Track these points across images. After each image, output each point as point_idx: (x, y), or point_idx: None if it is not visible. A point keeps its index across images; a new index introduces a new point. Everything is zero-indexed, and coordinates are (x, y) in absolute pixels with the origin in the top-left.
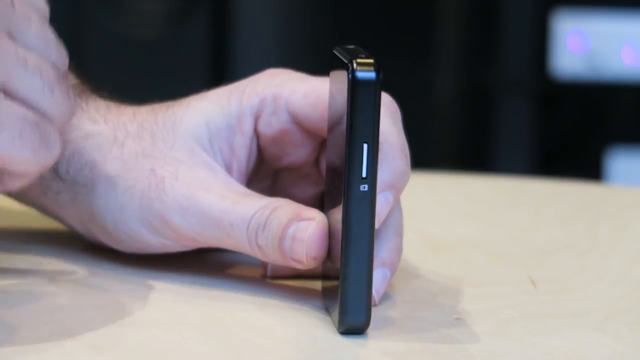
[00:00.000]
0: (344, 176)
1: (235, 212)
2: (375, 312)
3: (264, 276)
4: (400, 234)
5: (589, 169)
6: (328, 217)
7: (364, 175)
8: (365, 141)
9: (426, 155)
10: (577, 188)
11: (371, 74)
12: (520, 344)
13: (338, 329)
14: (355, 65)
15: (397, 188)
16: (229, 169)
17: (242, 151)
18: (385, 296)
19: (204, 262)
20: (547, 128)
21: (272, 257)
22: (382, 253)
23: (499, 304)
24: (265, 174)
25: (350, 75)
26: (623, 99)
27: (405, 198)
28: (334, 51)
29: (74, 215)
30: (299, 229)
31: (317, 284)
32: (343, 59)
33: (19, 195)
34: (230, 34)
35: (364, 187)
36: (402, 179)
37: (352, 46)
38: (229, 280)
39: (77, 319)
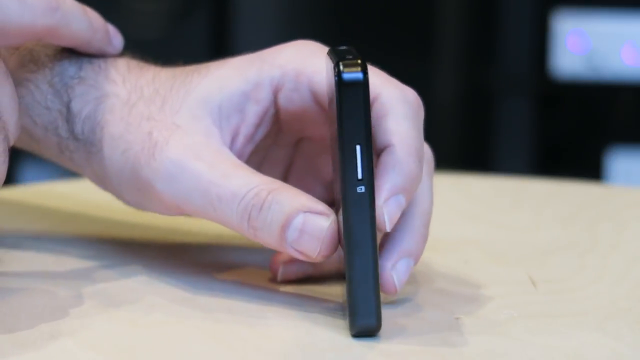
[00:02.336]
0: (340, 179)
1: (224, 186)
2: None
3: (271, 280)
4: (426, 224)
5: (589, 169)
6: (337, 216)
7: (359, 177)
8: (358, 143)
9: None
10: (577, 188)
11: (358, 75)
12: (520, 344)
13: (350, 333)
14: (341, 67)
15: (409, 191)
16: (235, 133)
17: (253, 118)
18: (385, 296)
19: (204, 262)
20: (547, 128)
21: (266, 240)
22: (406, 244)
23: (499, 304)
24: (285, 141)
25: (336, 77)
26: (623, 99)
27: None
28: (327, 53)
29: (89, 173)
30: (310, 223)
31: (318, 285)
32: (332, 61)
33: (38, 153)
34: (230, 34)
35: (361, 189)
36: (414, 183)
37: (344, 47)
38: (230, 280)
39: (77, 319)
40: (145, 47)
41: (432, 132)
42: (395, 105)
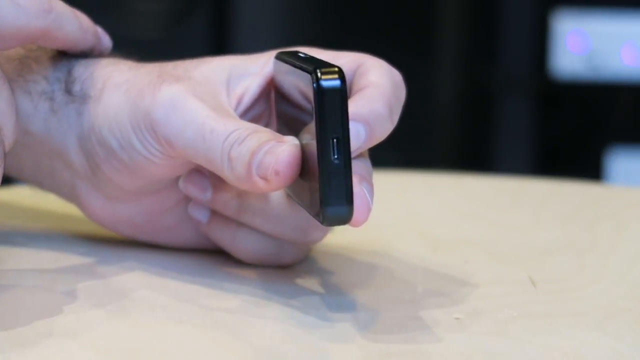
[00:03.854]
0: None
1: (219, 121)
2: (374, 312)
3: (261, 270)
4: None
5: (589, 169)
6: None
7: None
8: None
9: (426, 155)
10: (577, 188)
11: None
12: (520, 343)
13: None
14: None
15: (371, 127)
16: (238, 102)
17: (256, 88)
18: (385, 296)
19: (203, 262)
20: (547, 128)
21: (238, 171)
22: (359, 169)
23: (499, 304)
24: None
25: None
26: (623, 99)
27: (405, 198)
28: (282, 57)
29: (75, 132)
30: (274, 146)
31: (318, 284)
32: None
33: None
34: (230, 34)
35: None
36: (378, 122)
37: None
38: (229, 280)
39: (76, 318)
40: (145, 47)
41: (432, 132)
42: (378, 68)
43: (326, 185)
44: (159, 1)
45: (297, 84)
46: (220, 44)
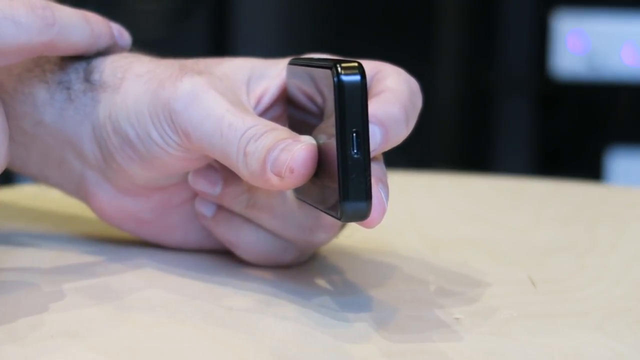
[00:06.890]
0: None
1: (238, 116)
2: (375, 312)
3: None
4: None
5: (589, 169)
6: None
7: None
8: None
9: (426, 155)
10: (577, 188)
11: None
12: (520, 344)
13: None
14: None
15: (386, 130)
16: (257, 102)
17: (275, 90)
18: (385, 296)
19: (204, 263)
20: (547, 128)
21: (252, 166)
22: (375, 172)
23: (499, 304)
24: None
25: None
26: (623, 99)
27: (405, 198)
28: (294, 63)
29: (90, 121)
30: (290, 144)
31: (318, 284)
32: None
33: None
34: (230, 34)
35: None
36: (394, 125)
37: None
38: (230, 280)
39: (77, 318)
40: (145, 47)
41: (432, 132)
42: (395, 75)
43: (345, 179)
44: (159, 1)
45: (313, 84)
46: (220, 44)
